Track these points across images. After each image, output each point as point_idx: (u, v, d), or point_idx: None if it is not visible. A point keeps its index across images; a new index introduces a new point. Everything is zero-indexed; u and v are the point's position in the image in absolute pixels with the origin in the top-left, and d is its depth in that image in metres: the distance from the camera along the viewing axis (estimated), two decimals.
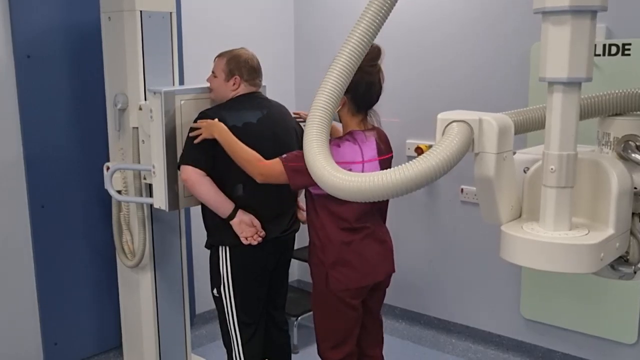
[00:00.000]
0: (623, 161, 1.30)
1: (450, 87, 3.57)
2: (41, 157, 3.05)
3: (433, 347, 3.78)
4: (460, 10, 3.50)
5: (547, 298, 3.30)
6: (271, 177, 2.37)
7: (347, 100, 2.34)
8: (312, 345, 3.60)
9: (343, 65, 1.34)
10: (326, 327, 2.52)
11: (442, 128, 1.22)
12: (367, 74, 2.29)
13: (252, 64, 2.65)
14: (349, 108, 2.38)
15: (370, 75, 2.32)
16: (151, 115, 2.64)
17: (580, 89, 1.17)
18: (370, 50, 2.28)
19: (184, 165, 2.52)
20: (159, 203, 2.72)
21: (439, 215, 3.73)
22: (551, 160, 1.18)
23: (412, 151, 3.72)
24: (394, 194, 1.17)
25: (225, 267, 2.63)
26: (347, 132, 2.41)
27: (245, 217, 2.56)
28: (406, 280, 3.85)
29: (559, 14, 1.12)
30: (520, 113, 1.38)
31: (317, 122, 1.35)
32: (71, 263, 3.22)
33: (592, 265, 1.17)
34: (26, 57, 2.95)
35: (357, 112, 2.40)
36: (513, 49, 3.31)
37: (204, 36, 3.69)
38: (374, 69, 2.34)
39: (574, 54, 1.13)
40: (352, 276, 2.42)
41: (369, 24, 1.30)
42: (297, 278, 4.49)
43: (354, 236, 2.42)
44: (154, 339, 3.04)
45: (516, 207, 1.32)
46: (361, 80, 2.27)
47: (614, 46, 2.88)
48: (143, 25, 2.75)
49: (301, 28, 4.26)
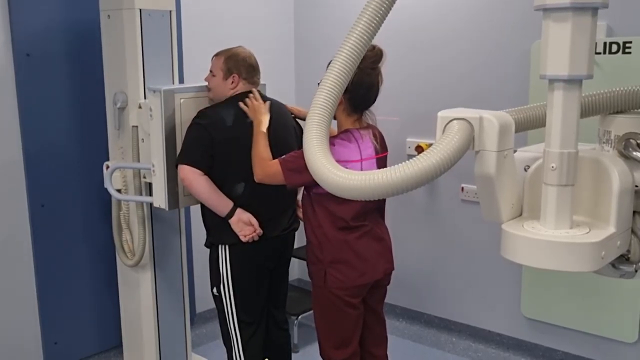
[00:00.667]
0: (624, 159, 1.29)
1: (451, 86, 3.57)
2: (41, 156, 3.05)
3: (433, 346, 3.78)
4: (460, 8, 3.49)
5: (548, 297, 3.30)
6: (268, 176, 2.40)
7: (344, 100, 2.35)
8: (312, 345, 3.60)
9: (342, 64, 1.33)
10: (327, 326, 2.52)
11: (443, 126, 1.21)
12: (367, 75, 2.31)
13: (250, 62, 2.65)
14: (345, 108, 2.39)
15: (370, 77, 2.34)
16: (151, 114, 2.64)
17: (581, 87, 1.16)
18: (373, 53, 2.31)
19: (182, 164, 2.52)
20: (158, 202, 2.72)
21: (439, 214, 3.72)
22: (552, 158, 1.18)
23: (412, 150, 3.71)
24: (395, 192, 1.17)
25: (225, 265, 2.62)
26: (341, 131, 2.42)
27: (244, 215, 2.56)
28: (406, 279, 3.85)
29: (560, 11, 1.12)
30: (521, 111, 1.38)
31: (316, 121, 1.34)
32: (71, 262, 3.22)
33: (594, 263, 1.16)
34: (25, 56, 2.95)
35: (352, 112, 2.41)
36: (513, 47, 3.30)
37: (204, 35, 3.69)
38: (375, 72, 2.35)
39: (575, 51, 1.12)
40: (350, 274, 2.42)
41: (367, 22, 1.30)
42: (297, 277, 4.48)
43: (351, 234, 2.42)
44: (154, 338, 3.04)
45: (517, 206, 1.32)
46: (361, 82, 2.29)
47: (615, 44, 2.87)
48: (143, 23, 2.75)
49: (301, 26, 4.26)
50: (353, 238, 2.42)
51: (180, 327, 3.16)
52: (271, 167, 2.38)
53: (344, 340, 2.50)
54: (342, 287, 2.42)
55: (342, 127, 2.43)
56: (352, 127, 2.41)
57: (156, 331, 3.04)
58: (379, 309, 2.65)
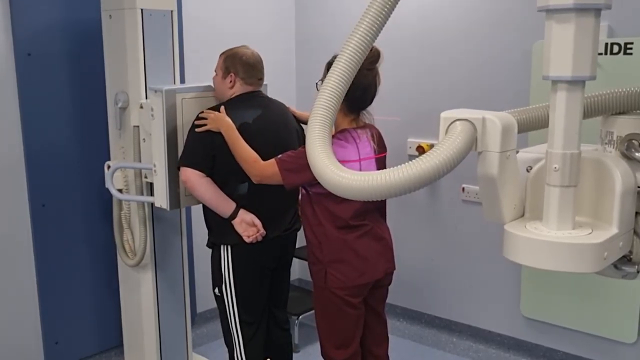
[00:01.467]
0: (626, 160, 1.30)
1: (451, 86, 3.57)
2: (42, 156, 3.05)
3: (434, 346, 3.78)
4: (461, 9, 3.49)
5: (548, 297, 3.30)
6: (265, 177, 2.39)
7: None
8: (313, 345, 3.60)
9: (345, 65, 1.34)
10: (328, 326, 2.52)
11: (445, 127, 1.22)
12: (364, 76, 2.26)
13: (247, 61, 2.62)
14: (342, 108, 2.36)
15: (367, 78, 2.32)
16: (152, 114, 2.64)
17: (584, 88, 1.17)
18: (370, 54, 2.27)
19: (183, 167, 2.52)
20: (160, 202, 2.72)
21: (440, 214, 3.72)
22: (555, 159, 1.18)
23: (413, 150, 3.71)
24: (398, 193, 1.17)
25: (227, 266, 2.62)
26: (338, 131, 2.41)
27: (247, 216, 2.56)
28: (407, 279, 3.85)
29: (563, 12, 1.12)
30: (523, 112, 1.38)
31: (319, 121, 1.35)
32: (72, 262, 3.22)
33: (596, 264, 1.17)
34: (27, 55, 2.95)
35: (349, 113, 2.41)
36: (514, 47, 3.30)
37: (205, 34, 3.69)
38: (372, 72, 2.34)
39: (578, 52, 1.12)
40: (350, 274, 2.42)
41: (370, 24, 1.30)
42: (297, 277, 4.48)
43: (351, 234, 2.42)
44: (154, 338, 3.04)
45: (519, 206, 1.32)
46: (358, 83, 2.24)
47: (616, 45, 2.87)
48: (144, 23, 2.75)
49: (302, 27, 4.26)
50: (353, 237, 2.42)
51: (181, 327, 3.17)
52: (268, 168, 2.37)
53: (345, 340, 2.50)
54: (342, 286, 2.42)
55: (339, 127, 2.42)
56: (349, 126, 2.41)
57: (157, 331, 3.04)
58: (380, 308, 2.65)
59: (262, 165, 2.40)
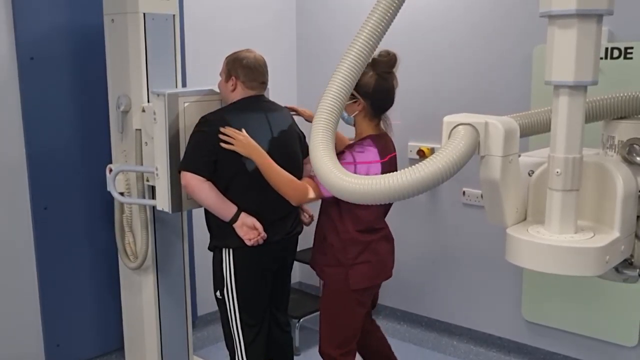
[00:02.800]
0: (628, 164, 1.31)
1: (452, 90, 3.58)
2: (44, 159, 3.05)
3: (435, 349, 3.78)
4: (462, 13, 3.50)
5: (549, 300, 3.30)
6: (304, 196, 2.40)
7: (366, 105, 2.41)
8: (314, 347, 3.60)
9: (349, 67, 1.34)
10: (335, 326, 2.59)
11: (448, 131, 1.23)
12: (384, 80, 2.39)
13: (248, 65, 2.61)
14: (367, 113, 2.44)
15: (387, 82, 2.41)
16: (154, 118, 2.65)
17: (586, 93, 1.17)
18: (388, 58, 2.38)
19: (184, 171, 2.52)
20: (161, 205, 2.72)
21: (440, 218, 3.73)
22: (557, 163, 1.19)
23: (414, 153, 3.72)
24: (402, 197, 1.18)
25: (228, 269, 2.63)
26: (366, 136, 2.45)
27: (248, 219, 2.56)
28: (408, 283, 3.85)
29: (565, 18, 1.13)
30: (526, 116, 1.39)
31: (322, 125, 1.35)
32: (73, 265, 3.22)
33: (598, 268, 1.17)
34: (29, 59, 2.95)
35: (374, 117, 2.47)
36: (515, 51, 3.31)
37: (207, 38, 3.70)
38: (391, 76, 2.42)
39: (580, 57, 1.13)
40: (370, 274, 2.54)
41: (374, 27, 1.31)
42: (298, 280, 4.49)
43: (373, 236, 2.53)
44: (156, 341, 3.04)
45: (521, 210, 1.33)
46: (380, 87, 2.38)
47: (617, 49, 2.88)
48: (146, 27, 2.76)
49: (304, 30, 4.26)
50: (375, 239, 2.54)
51: (182, 329, 3.17)
52: (305, 186, 2.40)
53: (347, 339, 2.60)
54: (365, 286, 2.53)
55: (364, 133, 2.47)
56: (373, 132, 2.47)
57: (158, 334, 3.04)
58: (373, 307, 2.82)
59: (298, 185, 2.42)
